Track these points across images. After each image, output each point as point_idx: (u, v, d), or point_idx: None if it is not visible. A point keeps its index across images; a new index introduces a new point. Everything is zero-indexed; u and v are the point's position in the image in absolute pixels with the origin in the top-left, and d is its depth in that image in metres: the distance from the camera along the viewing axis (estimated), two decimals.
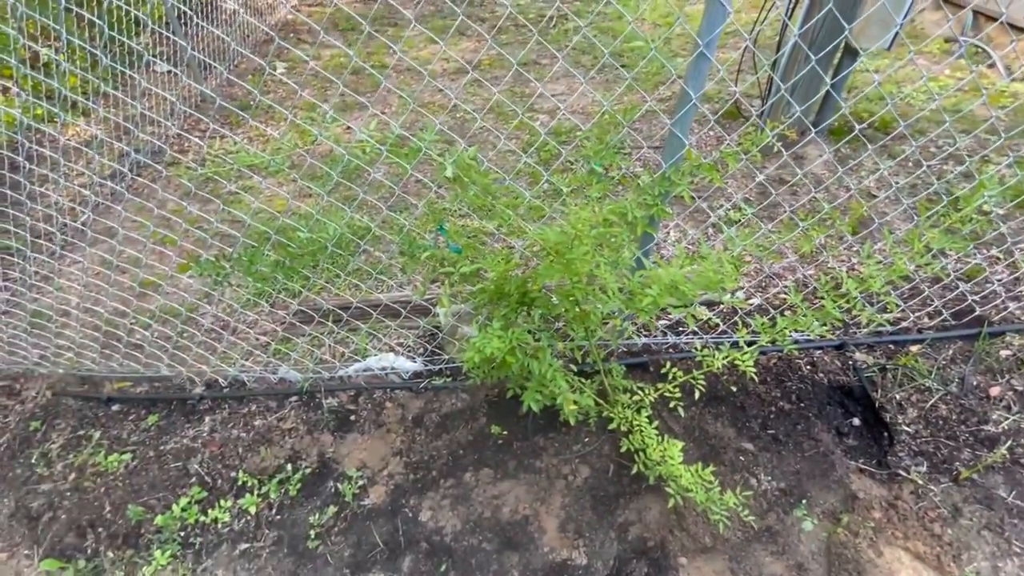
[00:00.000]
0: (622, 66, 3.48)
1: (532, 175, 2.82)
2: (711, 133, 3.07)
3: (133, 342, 1.92)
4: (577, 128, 3.16)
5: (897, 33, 2.27)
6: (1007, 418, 1.68)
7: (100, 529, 1.60)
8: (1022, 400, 1.73)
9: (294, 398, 1.92)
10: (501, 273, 1.28)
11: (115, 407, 1.93)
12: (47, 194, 2.50)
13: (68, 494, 1.68)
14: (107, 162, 2.37)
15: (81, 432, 1.85)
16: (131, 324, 1.86)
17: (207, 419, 1.88)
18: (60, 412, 1.91)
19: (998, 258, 2.16)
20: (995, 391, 1.77)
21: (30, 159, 2.07)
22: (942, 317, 1.96)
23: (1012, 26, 3.29)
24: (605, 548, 1.48)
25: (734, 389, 1.82)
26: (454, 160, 1.27)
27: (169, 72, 3.47)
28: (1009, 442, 1.61)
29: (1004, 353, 1.87)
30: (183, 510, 1.61)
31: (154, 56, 3.17)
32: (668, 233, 2.50)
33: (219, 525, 1.59)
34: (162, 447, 1.80)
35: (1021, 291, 2.03)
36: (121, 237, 1.68)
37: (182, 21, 3.50)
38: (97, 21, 1.48)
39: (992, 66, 3.34)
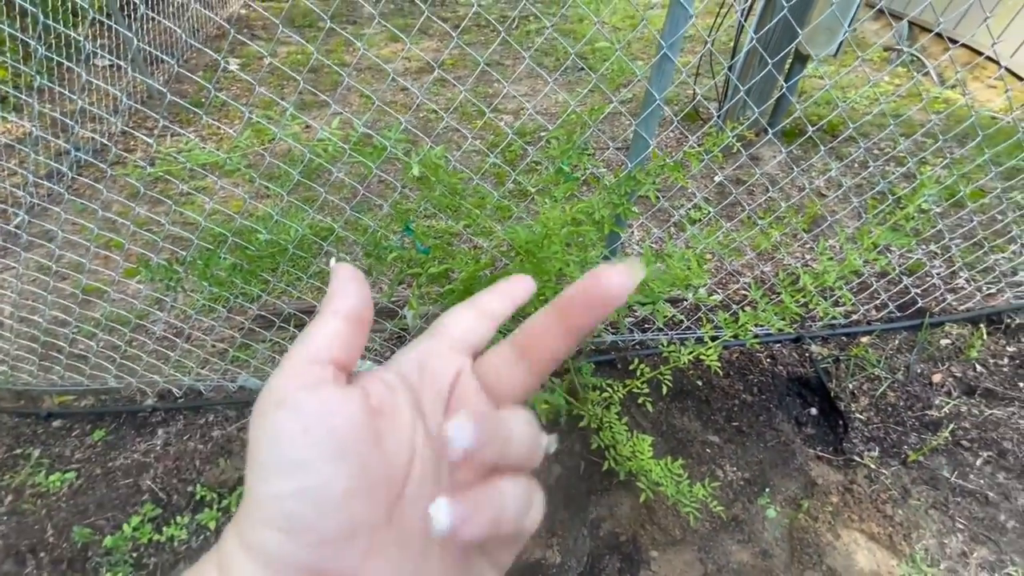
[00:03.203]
0: (586, 68, 3.53)
1: (498, 175, 2.81)
2: (671, 134, 3.15)
3: (76, 353, 1.80)
4: (542, 128, 3.17)
5: (843, 41, 2.39)
6: (948, 403, 1.80)
7: (42, 554, 1.49)
8: (961, 385, 1.85)
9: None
10: (470, 273, 1.27)
11: (56, 423, 1.81)
12: None
13: (5, 518, 1.56)
14: (44, 160, 2.21)
15: (18, 451, 1.72)
16: (73, 334, 1.74)
17: (160, 432, 1.78)
18: None
19: (936, 253, 2.31)
20: (937, 378, 1.88)
21: None
22: (888, 309, 2.08)
23: (947, 37, 3.53)
24: (578, 545, 1.49)
25: (699, 383, 1.87)
26: (420, 159, 1.25)
27: (111, 65, 3.27)
28: (951, 425, 1.72)
29: (944, 342, 1.99)
30: (135, 529, 1.52)
31: (95, 49, 2.99)
32: (632, 232, 2.55)
33: (175, 543, 1.51)
34: (110, 464, 1.69)
35: (957, 284, 2.17)
36: (60, 241, 1.58)
37: (125, 12, 3.31)
38: (30, 8, 1.38)
39: (927, 74, 3.56)
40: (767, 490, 1.60)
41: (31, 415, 1.82)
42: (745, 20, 2.64)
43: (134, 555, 1.48)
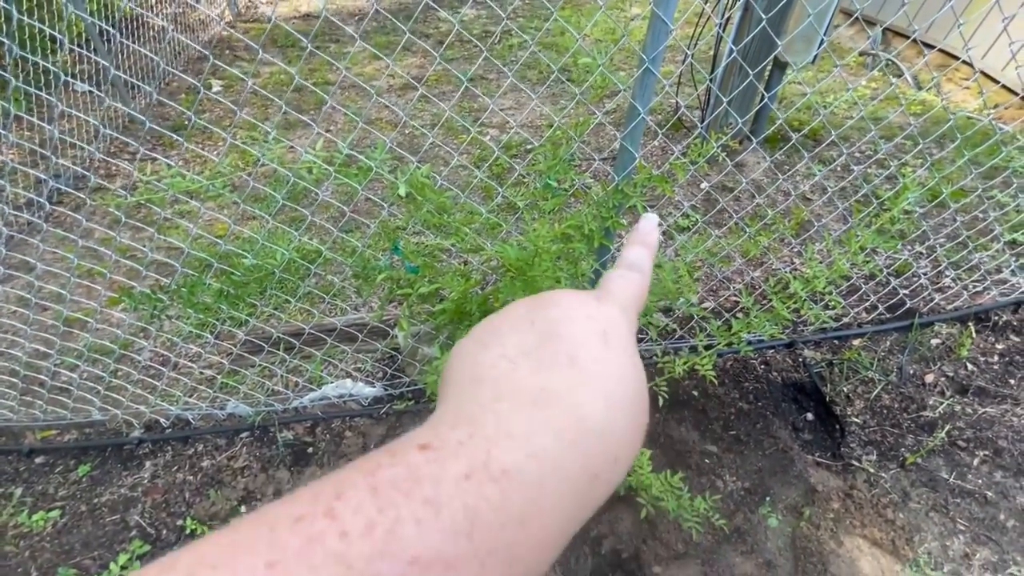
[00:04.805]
0: (569, 80, 3.56)
1: (485, 190, 2.81)
2: (655, 144, 3.17)
3: (58, 385, 1.75)
4: (527, 142, 3.18)
5: (820, 48, 2.43)
6: (942, 403, 1.80)
7: None
8: (953, 385, 1.86)
9: (245, 434, 1.80)
10: (461, 292, 1.25)
11: (39, 459, 1.75)
12: None
13: None
14: (20, 191, 2.17)
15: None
16: (55, 366, 1.70)
17: (147, 464, 1.73)
18: None
19: (922, 254, 2.33)
20: (929, 378, 1.89)
21: None
22: (878, 311, 2.09)
23: (921, 42, 3.61)
24: (580, 564, 1.46)
25: (695, 393, 1.86)
26: (407, 178, 1.24)
27: (90, 92, 3.24)
28: (947, 426, 1.72)
29: (934, 342, 2.00)
30: (123, 568, 1.47)
31: (73, 75, 2.96)
32: (622, 242, 2.55)
33: None
34: (96, 500, 1.64)
35: (944, 283, 2.19)
36: (40, 271, 1.54)
37: (104, 38, 3.29)
38: (4, 40, 1.36)
39: (902, 77, 3.64)
40: (768, 499, 1.59)
41: (12, 452, 1.76)
42: (724, 31, 2.68)
43: None
